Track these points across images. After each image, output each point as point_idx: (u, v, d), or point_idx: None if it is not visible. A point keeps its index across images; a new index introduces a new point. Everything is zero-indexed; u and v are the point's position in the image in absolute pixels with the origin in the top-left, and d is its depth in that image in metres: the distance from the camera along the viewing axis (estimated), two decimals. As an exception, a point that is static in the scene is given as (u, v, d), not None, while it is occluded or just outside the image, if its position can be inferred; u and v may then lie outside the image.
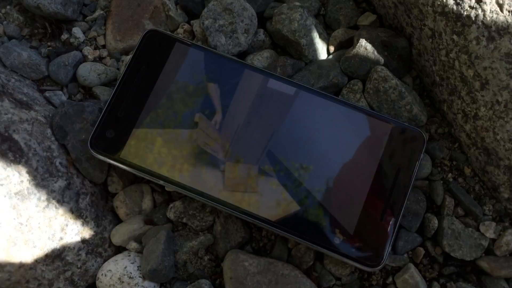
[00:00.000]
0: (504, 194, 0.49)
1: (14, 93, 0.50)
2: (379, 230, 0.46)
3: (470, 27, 0.44)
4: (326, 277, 0.49)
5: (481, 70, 0.45)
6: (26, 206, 0.45)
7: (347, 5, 0.57)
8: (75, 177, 0.50)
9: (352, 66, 0.53)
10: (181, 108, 0.49)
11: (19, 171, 0.46)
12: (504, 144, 0.47)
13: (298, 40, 0.54)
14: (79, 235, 0.49)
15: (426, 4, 0.47)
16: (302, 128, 0.49)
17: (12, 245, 0.44)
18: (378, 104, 0.52)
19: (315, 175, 0.48)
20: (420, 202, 0.50)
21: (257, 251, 0.51)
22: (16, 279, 0.45)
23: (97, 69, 0.56)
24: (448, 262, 0.50)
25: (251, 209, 0.47)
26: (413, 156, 0.48)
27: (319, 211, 0.47)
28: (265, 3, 0.58)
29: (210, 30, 0.54)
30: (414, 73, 0.55)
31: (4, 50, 0.54)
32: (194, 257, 0.50)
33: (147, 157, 0.48)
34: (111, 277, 0.47)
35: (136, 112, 0.49)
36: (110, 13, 0.59)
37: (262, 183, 0.48)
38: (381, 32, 0.54)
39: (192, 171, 0.48)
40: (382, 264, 0.46)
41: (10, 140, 0.46)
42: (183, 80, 0.50)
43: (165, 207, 0.52)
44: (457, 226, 0.49)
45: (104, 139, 0.49)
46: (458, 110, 0.50)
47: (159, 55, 0.51)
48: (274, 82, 0.50)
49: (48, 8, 0.56)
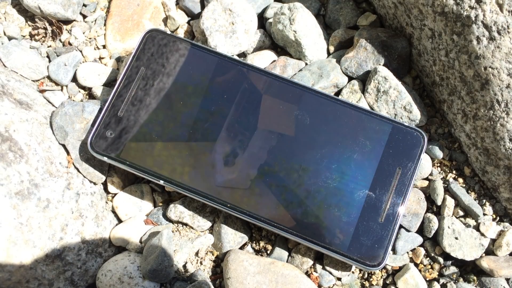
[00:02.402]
0: (504, 194, 0.49)
1: (14, 93, 0.50)
2: (379, 230, 0.46)
3: (470, 27, 0.44)
4: (326, 277, 0.49)
5: (481, 70, 0.45)
6: (26, 206, 0.45)
7: (347, 5, 0.57)
8: (75, 177, 0.50)
9: (352, 66, 0.53)
10: (181, 108, 0.49)
11: (19, 171, 0.46)
12: (504, 144, 0.47)
13: (298, 40, 0.54)
14: (79, 235, 0.49)
15: (426, 4, 0.47)
16: (302, 128, 0.49)
17: (13, 245, 0.44)
18: (378, 104, 0.52)
19: (315, 175, 0.48)
20: (420, 202, 0.50)
21: (257, 251, 0.51)
22: (16, 279, 0.45)
23: (97, 69, 0.56)
24: (448, 262, 0.50)
25: (251, 209, 0.47)
26: (413, 156, 0.48)
27: (319, 211, 0.47)
28: (265, 3, 0.58)
29: (210, 30, 0.54)
30: (414, 73, 0.55)
31: (4, 50, 0.54)
32: (194, 257, 0.50)
33: (147, 157, 0.48)
34: (111, 277, 0.47)
35: (136, 112, 0.49)
36: (110, 13, 0.59)
37: (262, 183, 0.48)
38: (381, 32, 0.54)
39: (192, 171, 0.48)
40: (382, 264, 0.46)
41: (10, 140, 0.46)
42: (183, 80, 0.50)
43: (165, 207, 0.52)
44: (457, 226, 0.49)
45: (104, 139, 0.49)
46: (458, 110, 0.50)
47: (159, 55, 0.51)
48: (274, 82, 0.50)
49: (48, 8, 0.56)
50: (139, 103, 0.49)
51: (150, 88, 0.50)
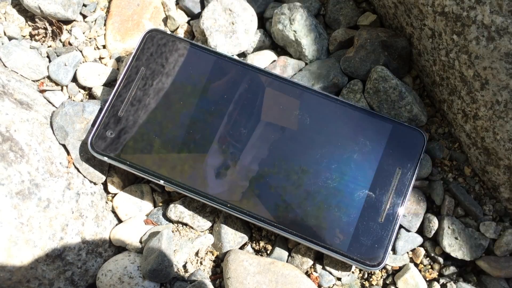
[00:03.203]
0: (504, 194, 0.49)
1: (15, 93, 0.50)
2: (379, 230, 0.46)
3: (470, 27, 0.44)
4: (326, 277, 0.49)
5: (481, 70, 0.45)
6: (27, 206, 0.45)
7: (347, 5, 0.57)
8: (75, 177, 0.50)
9: (352, 66, 0.53)
10: (181, 108, 0.49)
11: (20, 171, 0.46)
12: (504, 144, 0.47)
13: (298, 40, 0.54)
14: (79, 235, 0.49)
15: (426, 4, 0.47)
16: (302, 128, 0.49)
17: (13, 245, 0.44)
18: (378, 104, 0.52)
19: (315, 175, 0.48)
20: (420, 202, 0.50)
21: (257, 251, 0.51)
22: (17, 278, 0.45)
23: (97, 69, 0.56)
24: (448, 262, 0.50)
25: (251, 209, 0.47)
26: (413, 156, 0.48)
27: (319, 211, 0.47)
28: (265, 3, 0.58)
29: (210, 30, 0.54)
30: (414, 73, 0.55)
31: (4, 50, 0.54)
32: (194, 257, 0.50)
33: (147, 157, 0.48)
34: (111, 277, 0.47)
35: (136, 112, 0.49)
36: (110, 13, 0.59)
37: (262, 183, 0.48)
38: (381, 32, 0.54)
39: (192, 171, 0.48)
40: (382, 264, 0.46)
41: (11, 140, 0.46)
42: (183, 80, 0.50)
43: (165, 207, 0.52)
44: (457, 226, 0.49)
45: (104, 139, 0.49)
46: (458, 110, 0.50)
47: (159, 55, 0.51)
48: (274, 82, 0.50)
49: (48, 8, 0.56)
50: (139, 103, 0.50)
51: (150, 88, 0.50)
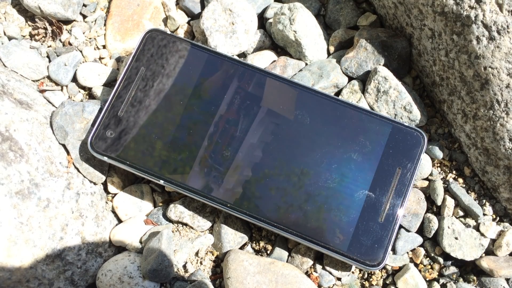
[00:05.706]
0: (504, 194, 0.49)
1: (14, 93, 0.50)
2: (379, 230, 0.46)
3: (470, 27, 0.44)
4: (326, 277, 0.49)
5: (481, 70, 0.45)
6: (26, 205, 0.45)
7: (347, 5, 0.57)
8: (75, 177, 0.50)
9: (352, 66, 0.53)
10: (181, 108, 0.49)
11: (20, 170, 0.46)
12: (504, 144, 0.47)
13: (298, 40, 0.54)
14: (79, 235, 0.49)
15: (426, 4, 0.47)
16: (302, 128, 0.49)
17: (13, 245, 0.44)
18: (378, 104, 0.52)
19: (315, 175, 0.48)
20: (420, 202, 0.50)
21: (257, 251, 0.51)
22: (16, 278, 0.45)
23: (97, 69, 0.56)
24: (448, 262, 0.50)
25: (251, 209, 0.47)
26: (413, 156, 0.48)
27: (319, 211, 0.47)
28: (265, 3, 0.58)
29: (210, 30, 0.54)
30: (414, 73, 0.55)
31: (4, 50, 0.54)
32: (194, 257, 0.50)
33: (147, 157, 0.48)
34: (111, 277, 0.47)
35: (136, 112, 0.49)
36: (110, 13, 0.59)
37: (262, 183, 0.48)
38: (381, 32, 0.54)
39: (192, 171, 0.48)
40: (382, 264, 0.46)
41: (10, 140, 0.46)
42: (183, 80, 0.50)
43: (165, 207, 0.52)
44: (457, 226, 0.49)
45: (104, 139, 0.49)
46: (458, 110, 0.50)
47: (159, 55, 0.51)
48: (274, 82, 0.50)
49: (48, 8, 0.56)
50: (139, 103, 0.50)
51: (150, 88, 0.50)
